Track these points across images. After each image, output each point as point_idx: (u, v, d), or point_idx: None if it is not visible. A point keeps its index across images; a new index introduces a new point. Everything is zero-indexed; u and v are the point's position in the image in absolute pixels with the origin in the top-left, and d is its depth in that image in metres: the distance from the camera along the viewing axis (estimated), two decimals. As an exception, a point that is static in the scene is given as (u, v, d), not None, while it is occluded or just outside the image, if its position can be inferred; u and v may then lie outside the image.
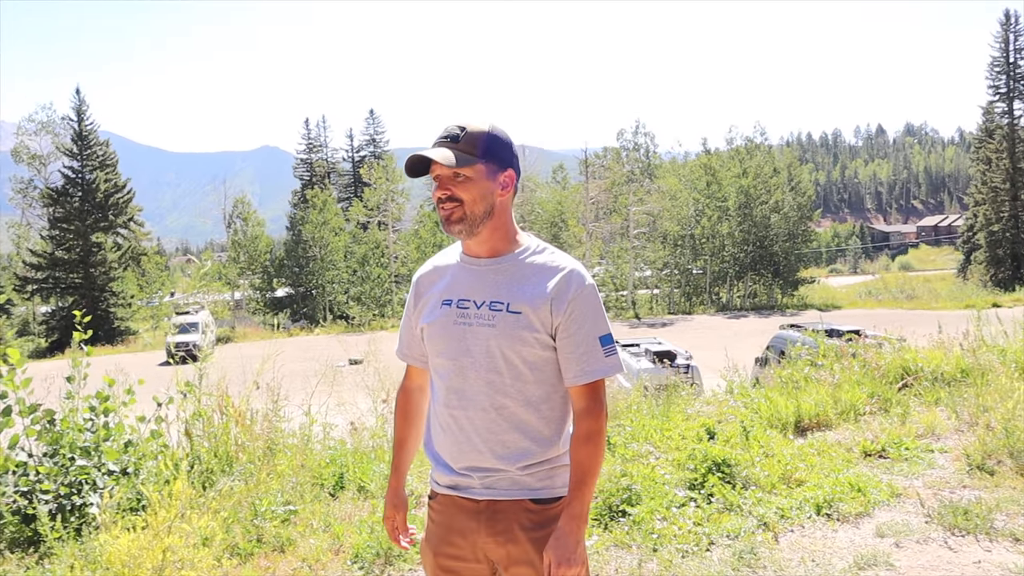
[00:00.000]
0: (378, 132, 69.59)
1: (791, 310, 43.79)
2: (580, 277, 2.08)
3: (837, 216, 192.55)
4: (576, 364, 2.06)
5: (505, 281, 2.09)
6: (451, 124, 2.06)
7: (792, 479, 5.41)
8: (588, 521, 2.06)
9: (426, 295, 2.22)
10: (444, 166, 2.01)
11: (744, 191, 49.33)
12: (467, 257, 2.17)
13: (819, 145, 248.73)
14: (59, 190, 47.37)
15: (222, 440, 5.86)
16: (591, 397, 2.08)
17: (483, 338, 2.07)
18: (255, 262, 51.22)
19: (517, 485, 2.10)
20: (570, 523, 2.00)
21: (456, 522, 2.16)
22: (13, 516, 4.76)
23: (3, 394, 5.01)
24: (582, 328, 2.05)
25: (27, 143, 52.30)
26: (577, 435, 2.07)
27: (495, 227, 2.10)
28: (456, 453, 2.14)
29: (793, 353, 9.89)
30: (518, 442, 2.09)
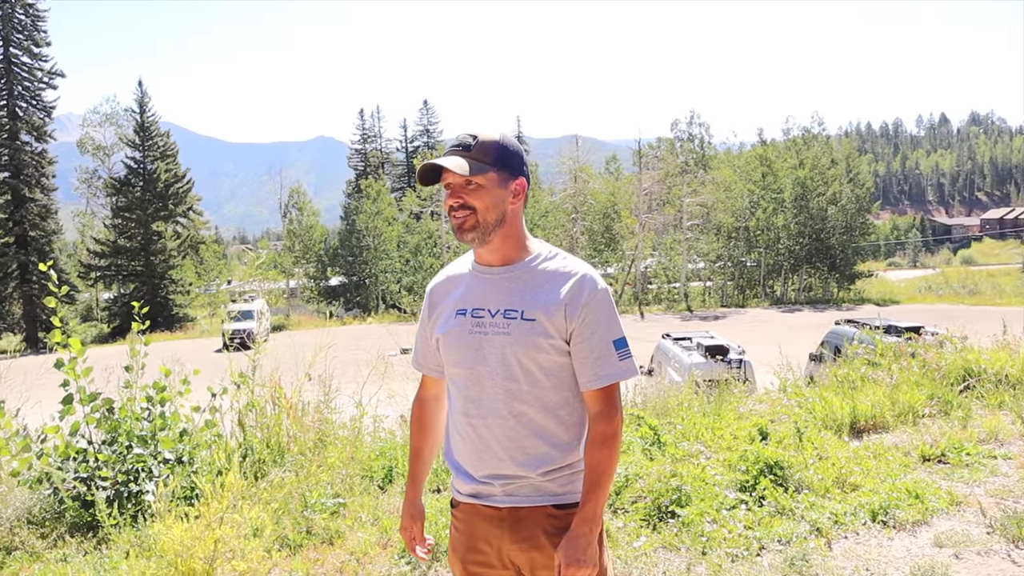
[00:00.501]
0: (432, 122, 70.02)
1: (847, 304, 42.93)
2: (593, 282, 2.08)
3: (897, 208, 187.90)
4: (590, 368, 2.06)
5: (518, 289, 2.10)
6: (462, 133, 2.08)
7: (847, 483, 5.28)
8: (601, 523, 2.06)
9: (440, 305, 2.23)
10: (457, 174, 2.02)
11: (800, 183, 48.38)
12: (479, 266, 2.18)
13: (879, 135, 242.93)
14: (122, 180, 48.65)
15: (274, 431, 5.94)
16: (606, 401, 2.08)
17: (499, 346, 2.07)
18: (310, 251, 51.98)
19: (538, 491, 2.11)
20: (582, 526, 2.01)
21: (479, 530, 2.18)
22: (73, 501, 4.91)
23: (65, 382, 5.15)
24: (596, 333, 2.06)
25: (92, 134, 53.80)
26: (592, 438, 2.08)
27: (507, 235, 2.11)
28: (476, 462, 2.15)
29: (849, 351, 9.67)
30: (538, 448, 2.10)
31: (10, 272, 43.42)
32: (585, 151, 51.24)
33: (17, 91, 44.01)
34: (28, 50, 44.58)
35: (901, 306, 39.09)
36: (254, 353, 6.25)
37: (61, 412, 5.15)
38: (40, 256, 42.79)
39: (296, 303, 52.36)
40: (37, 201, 44.09)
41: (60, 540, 4.74)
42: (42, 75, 45.14)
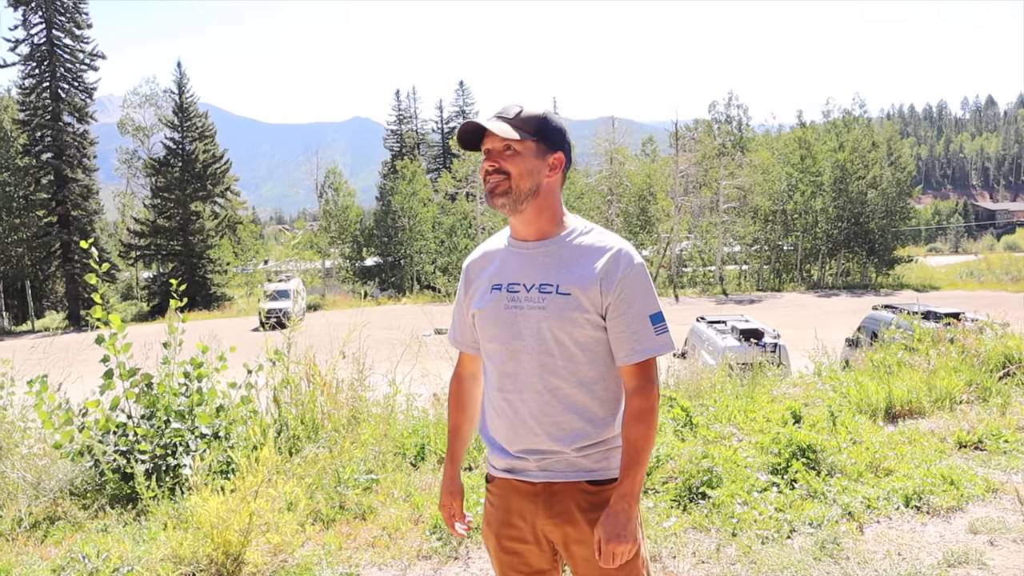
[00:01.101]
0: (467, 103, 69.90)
1: (886, 290, 42.26)
2: (628, 256, 2.07)
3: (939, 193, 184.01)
4: (627, 343, 2.06)
5: (554, 263, 2.09)
6: (509, 104, 2.09)
7: (880, 468, 5.23)
8: (639, 500, 2.05)
9: (476, 281, 2.23)
10: (498, 138, 2.03)
11: (840, 166, 47.54)
12: (515, 241, 2.17)
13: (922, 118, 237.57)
14: (161, 160, 49.29)
15: (308, 408, 6.03)
16: (642, 376, 2.07)
17: (534, 321, 2.07)
18: (345, 232, 52.33)
19: (573, 467, 2.11)
20: (620, 501, 2.01)
21: (514, 504, 2.19)
22: (113, 474, 5.03)
23: (105, 358, 5.26)
24: (632, 307, 2.05)
25: (132, 115, 54.59)
26: (629, 414, 2.07)
27: (541, 208, 2.10)
28: (511, 436, 2.15)
29: (887, 336, 9.54)
30: (573, 423, 2.09)
31: (53, 251, 44.35)
32: (621, 133, 50.86)
33: (59, 73, 44.71)
34: (70, 32, 45.22)
35: (941, 292, 38.39)
36: (290, 331, 6.33)
37: (102, 387, 5.27)
38: (82, 236, 43.58)
39: (331, 283, 52.81)
40: (79, 181, 44.89)
41: (101, 511, 4.86)
42: (84, 57, 45.78)
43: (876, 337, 11.43)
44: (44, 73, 44.44)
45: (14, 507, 4.94)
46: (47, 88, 44.48)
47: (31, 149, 43.86)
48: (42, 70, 44.43)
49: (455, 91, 73.05)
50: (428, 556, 4.20)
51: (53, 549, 4.37)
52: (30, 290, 44.64)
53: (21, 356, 6.81)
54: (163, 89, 53.58)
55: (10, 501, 5.06)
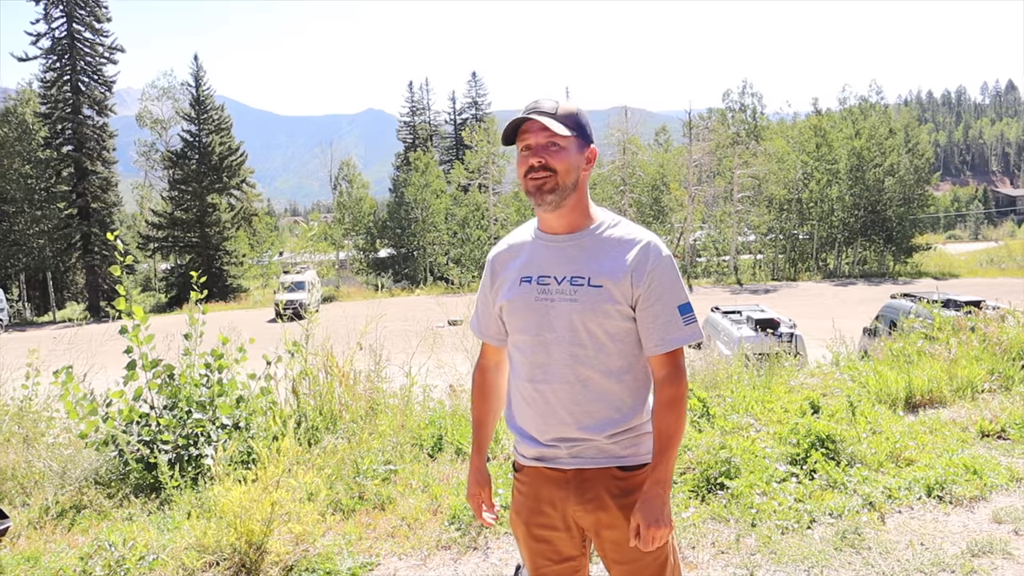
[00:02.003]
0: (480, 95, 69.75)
1: (904, 278, 41.92)
2: (657, 249, 2.12)
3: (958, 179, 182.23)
4: (657, 333, 2.10)
5: (584, 256, 2.12)
6: (541, 98, 2.10)
7: (901, 458, 5.21)
8: (672, 486, 2.11)
9: (503, 273, 2.25)
10: (543, 133, 2.04)
11: (856, 153, 47.10)
12: (544, 234, 2.19)
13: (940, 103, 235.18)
14: (178, 153, 49.55)
15: (327, 399, 6.07)
16: (672, 364, 2.12)
17: (566, 313, 2.10)
18: (359, 223, 52.45)
19: (604, 453, 2.16)
20: (655, 487, 2.06)
21: (544, 492, 2.22)
22: (137, 464, 5.09)
23: (129, 349, 5.32)
24: (661, 298, 2.09)
25: (150, 108, 54.80)
26: (660, 402, 2.11)
27: (576, 202, 2.13)
28: (542, 425, 2.18)
29: (906, 325, 9.48)
30: (603, 411, 2.14)
31: (73, 243, 44.74)
32: (634, 122, 50.61)
33: (80, 66, 45.01)
34: (90, 25, 45.47)
35: (961, 280, 38.04)
36: (307, 323, 6.37)
37: (125, 378, 5.32)
38: (101, 227, 43.96)
39: (346, 275, 52.99)
40: (99, 174, 45.24)
41: (125, 500, 4.92)
42: (103, 50, 46.06)
43: (895, 326, 11.36)
44: (65, 67, 44.77)
45: (41, 496, 5.02)
46: (68, 81, 44.81)
47: (52, 142, 44.23)
48: (63, 64, 44.76)
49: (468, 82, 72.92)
50: (447, 546, 4.23)
51: (80, 537, 4.43)
52: (51, 281, 45.08)
53: (44, 347, 6.90)
54: (180, 82, 53.82)
55: (37, 490, 5.13)
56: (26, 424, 6.20)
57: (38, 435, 6.03)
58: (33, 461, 5.41)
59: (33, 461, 5.41)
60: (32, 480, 5.28)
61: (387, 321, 6.87)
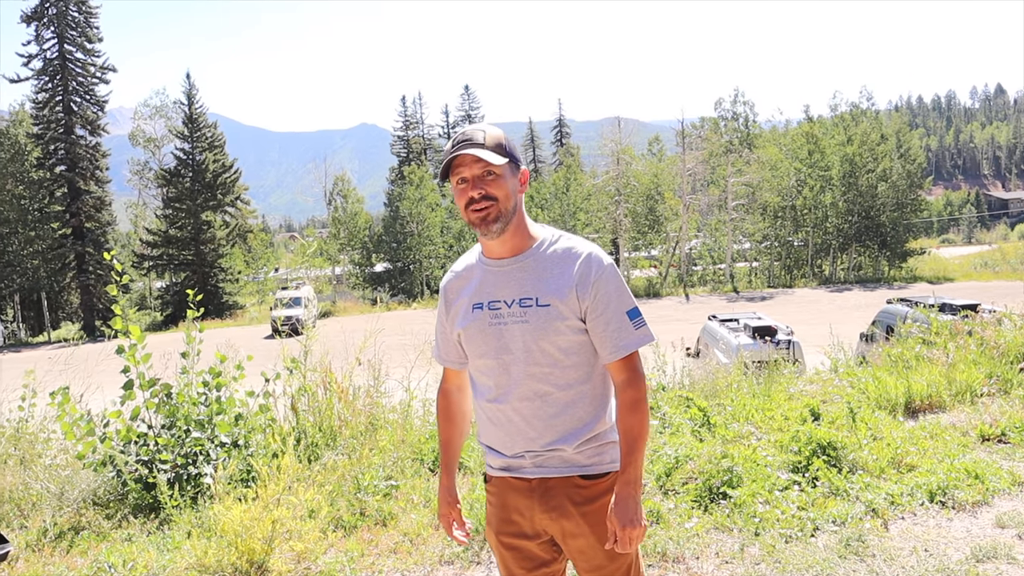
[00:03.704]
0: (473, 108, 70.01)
1: (899, 283, 42.01)
2: (598, 259, 2.17)
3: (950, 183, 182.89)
4: (610, 341, 2.15)
5: (530, 277, 2.18)
6: (467, 130, 2.13)
7: (903, 464, 5.20)
8: (642, 484, 2.15)
9: (456, 302, 2.31)
10: (478, 165, 2.08)
11: (849, 159, 47.27)
12: (489, 260, 2.25)
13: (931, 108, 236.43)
14: (172, 171, 49.53)
15: (326, 415, 6.04)
16: (629, 368, 2.17)
17: (519, 335, 2.16)
18: (355, 238, 52.45)
19: (567, 463, 2.21)
20: (626, 488, 2.11)
21: (511, 501, 2.28)
22: (136, 483, 5.05)
23: (126, 368, 5.29)
24: (609, 307, 2.14)
25: (143, 127, 54.93)
26: (623, 405, 2.16)
27: (517, 225, 2.18)
28: (508, 442, 2.25)
29: (903, 330, 9.49)
30: (565, 424, 2.19)
31: (67, 263, 44.64)
32: (627, 133, 50.73)
33: (72, 86, 45.04)
34: (81, 46, 45.55)
35: (956, 284, 38.15)
36: (305, 339, 6.35)
37: (122, 397, 5.30)
38: (96, 247, 43.90)
39: (342, 289, 52.95)
40: (92, 193, 45.20)
41: (124, 520, 4.89)
42: (95, 70, 46.12)
43: (891, 331, 11.37)
44: (57, 87, 44.81)
45: (39, 518, 4.98)
46: (60, 102, 44.83)
47: (45, 162, 44.22)
48: (55, 84, 44.80)
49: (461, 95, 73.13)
50: (450, 561, 4.20)
51: (79, 559, 4.39)
52: (46, 302, 44.94)
53: (40, 367, 6.86)
54: (173, 100, 53.99)
55: (35, 511, 5.10)
56: (23, 446, 6.16)
57: (35, 456, 5.99)
58: (30, 483, 5.37)
59: (30, 483, 5.37)
60: (30, 502, 5.25)
61: (385, 336, 6.85)
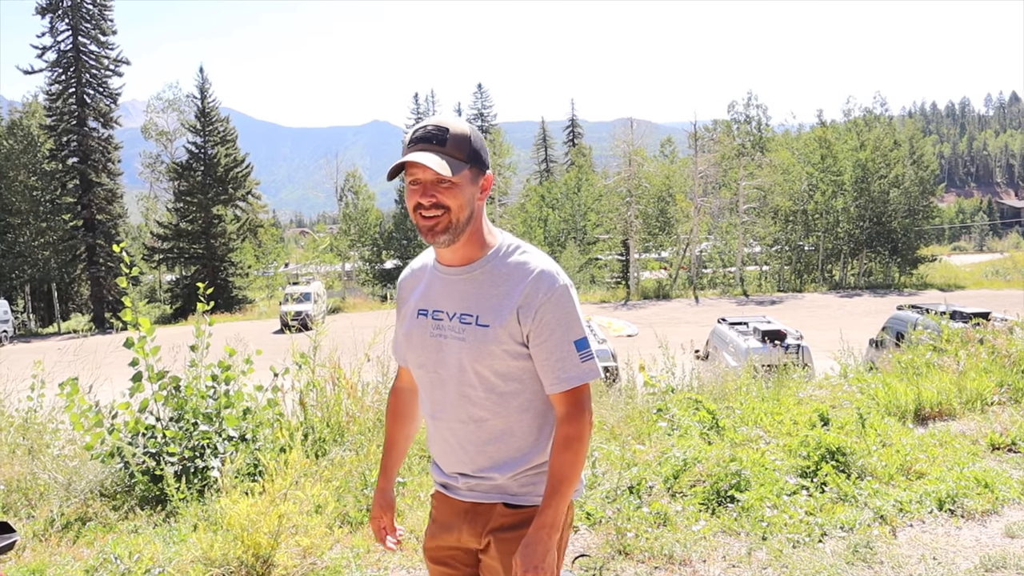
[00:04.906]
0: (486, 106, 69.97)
1: (909, 290, 41.84)
2: (550, 280, 1.96)
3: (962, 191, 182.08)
4: (551, 372, 1.97)
5: (473, 292, 2.00)
6: (429, 123, 1.93)
7: (912, 471, 5.17)
8: (560, 529, 1.98)
9: (406, 302, 2.18)
10: (432, 170, 1.86)
11: (861, 165, 47.13)
12: (440, 265, 2.08)
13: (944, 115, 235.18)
14: (183, 164, 49.66)
15: (334, 411, 6.04)
16: (571, 403, 1.99)
17: (455, 352, 2.01)
18: (365, 234, 52.54)
19: (498, 489, 2.09)
20: (539, 531, 1.93)
21: (445, 517, 2.20)
22: (143, 475, 5.06)
23: (135, 361, 5.30)
24: (554, 334, 1.95)
25: (155, 120, 55.11)
26: (556, 441, 1.99)
27: (471, 233, 1.98)
28: (444, 459, 2.16)
29: (914, 336, 9.44)
30: (500, 453, 2.06)
31: (78, 255, 44.84)
32: (639, 134, 50.63)
33: (85, 79, 45.22)
34: (95, 39, 45.72)
35: (967, 291, 37.94)
36: (315, 334, 6.36)
37: (131, 389, 5.31)
38: (107, 239, 44.05)
39: (351, 286, 53.04)
40: (104, 186, 45.40)
41: (131, 512, 4.90)
42: (108, 63, 46.29)
43: (901, 338, 11.31)
44: (70, 79, 45.00)
45: (46, 508, 4.99)
46: (73, 94, 45.03)
47: (57, 154, 44.42)
48: (68, 76, 45.00)
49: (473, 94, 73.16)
50: (456, 559, 4.19)
51: (86, 550, 4.40)
52: (56, 293, 45.16)
53: (49, 358, 6.89)
54: (185, 94, 54.13)
55: (42, 502, 5.11)
56: (31, 436, 6.18)
57: (43, 447, 6.01)
58: (38, 473, 5.39)
59: (38, 473, 5.39)
60: (37, 492, 5.26)
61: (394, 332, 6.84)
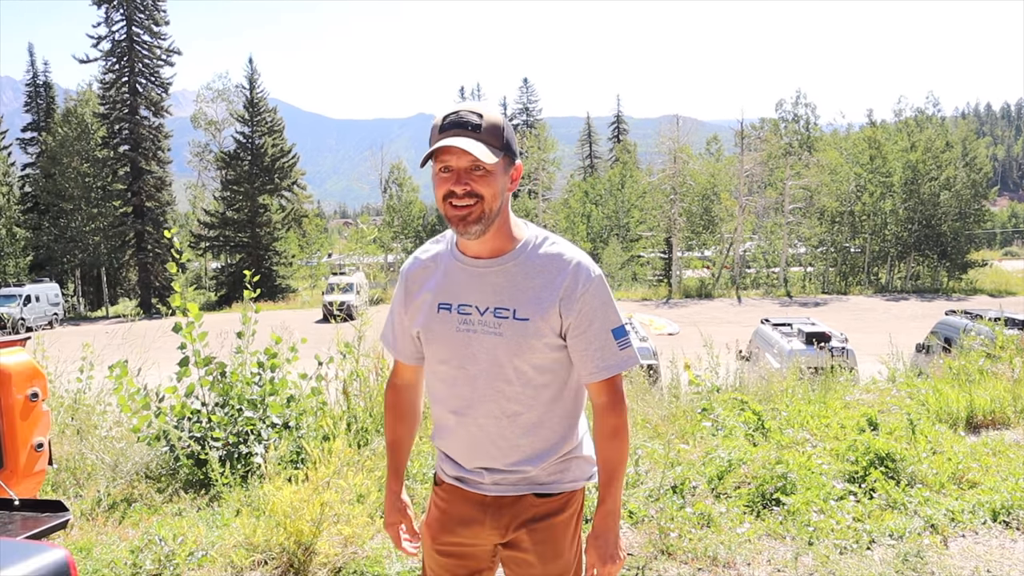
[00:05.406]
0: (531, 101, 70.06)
1: (958, 295, 40.87)
2: (587, 271, 1.94)
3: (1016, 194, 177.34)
4: (592, 361, 1.95)
5: (507, 284, 1.95)
6: (463, 109, 1.86)
7: (964, 480, 5.03)
8: (620, 517, 2.00)
9: (418, 295, 2.07)
10: (467, 156, 1.82)
11: (911, 166, 46.12)
12: (464, 256, 2.00)
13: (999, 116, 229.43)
14: (231, 154, 50.41)
15: (376, 401, 6.06)
16: (611, 392, 1.99)
17: (489, 347, 1.95)
18: (408, 227, 52.83)
19: (527, 481, 2.05)
20: (606, 520, 1.98)
21: (459, 511, 2.11)
22: (188, 459, 5.12)
23: (182, 345, 5.37)
24: (594, 324, 1.94)
25: (205, 109, 55.95)
26: (602, 432, 1.99)
27: (500, 224, 1.94)
28: (468, 455, 2.07)
29: (966, 342, 9.20)
30: (532, 445, 2.02)
31: (127, 240, 45.79)
32: (685, 131, 50.13)
33: (138, 68, 46.15)
34: (148, 29, 46.62)
35: (1018, 297, 36.93)
36: (360, 324, 6.38)
37: (178, 374, 5.38)
38: (155, 226, 44.95)
39: (394, 277, 53.34)
40: (153, 173, 46.32)
41: (175, 495, 4.96)
42: (160, 53, 47.19)
43: (950, 343, 11.05)
44: (123, 69, 45.97)
45: (94, 487, 5.09)
46: (126, 83, 45.99)
47: (109, 141, 45.42)
48: (121, 66, 45.97)
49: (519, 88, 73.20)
50: (496, 553, 4.17)
51: (131, 530, 4.47)
52: (105, 278, 46.17)
53: (98, 341, 7.02)
54: (235, 84, 54.84)
55: (90, 481, 5.20)
56: (80, 417, 6.30)
57: (91, 428, 6.12)
58: (86, 453, 5.49)
59: (86, 453, 5.49)
60: (85, 472, 5.36)
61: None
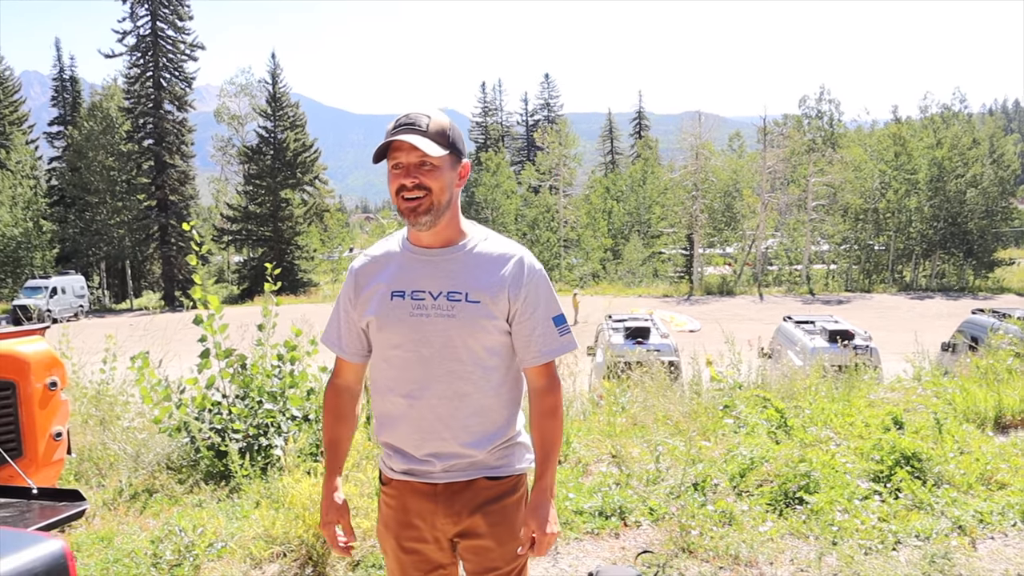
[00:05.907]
0: (552, 96, 69.82)
1: (984, 293, 40.36)
2: (532, 263, 2.15)
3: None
4: (534, 345, 2.13)
5: (460, 271, 2.10)
6: (412, 112, 2.04)
7: (992, 481, 4.93)
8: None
9: (369, 288, 2.17)
10: (416, 153, 1.99)
11: (937, 163, 45.51)
12: (416, 247, 2.15)
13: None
14: (254, 148, 50.71)
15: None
16: (549, 374, 2.17)
17: (442, 329, 2.08)
18: (427, 221, 52.82)
19: (476, 465, 2.16)
20: (544, 494, 2.11)
21: (413, 504, 2.19)
22: (208, 451, 5.14)
23: (203, 338, 5.38)
24: (538, 310, 2.12)
25: (228, 104, 56.27)
26: (541, 411, 2.16)
27: (450, 218, 2.10)
28: (418, 441, 2.14)
29: (993, 341, 9.06)
30: (481, 426, 2.14)
31: (151, 234, 46.22)
32: (707, 127, 49.78)
33: (162, 63, 46.55)
34: (172, 24, 46.99)
35: (1047, 297, 36.44)
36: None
37: (199, 365, 5.38)
38: (178, 219, 45.35)
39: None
40: (177, 167, 46.71)
41: (196, 486, 4.98)
42: (184, 48, 47.57)
43: (976, 342, 10.88)
44: (148, 63, 46.38)
45: (116, 477, 5.12)
46: (150, 78, 46.39)
47: (134, 135, 45.86)
48: (146, 60, 46.38)
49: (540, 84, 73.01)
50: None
51: (152, 520, 4.49)
52: (129, 270, 46.63)
53: (121, 333, 7.07)
54: (257, 79, 55.11)
55: (112, 472, 5.24)
56: (103, 407, 6.35)
57: (114, 418, 6.16)
58: (108, 443, 5.52)
59: (108, 443, 5.52)
60: (107, 462, 5.39)
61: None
